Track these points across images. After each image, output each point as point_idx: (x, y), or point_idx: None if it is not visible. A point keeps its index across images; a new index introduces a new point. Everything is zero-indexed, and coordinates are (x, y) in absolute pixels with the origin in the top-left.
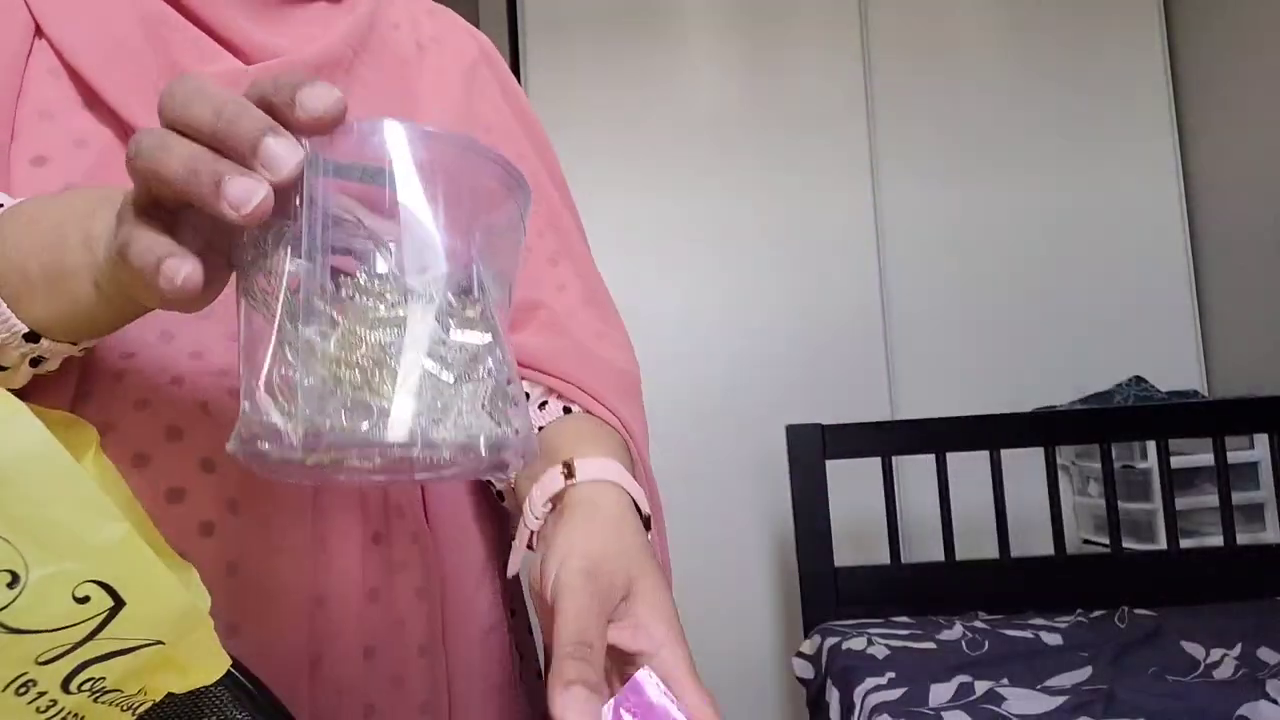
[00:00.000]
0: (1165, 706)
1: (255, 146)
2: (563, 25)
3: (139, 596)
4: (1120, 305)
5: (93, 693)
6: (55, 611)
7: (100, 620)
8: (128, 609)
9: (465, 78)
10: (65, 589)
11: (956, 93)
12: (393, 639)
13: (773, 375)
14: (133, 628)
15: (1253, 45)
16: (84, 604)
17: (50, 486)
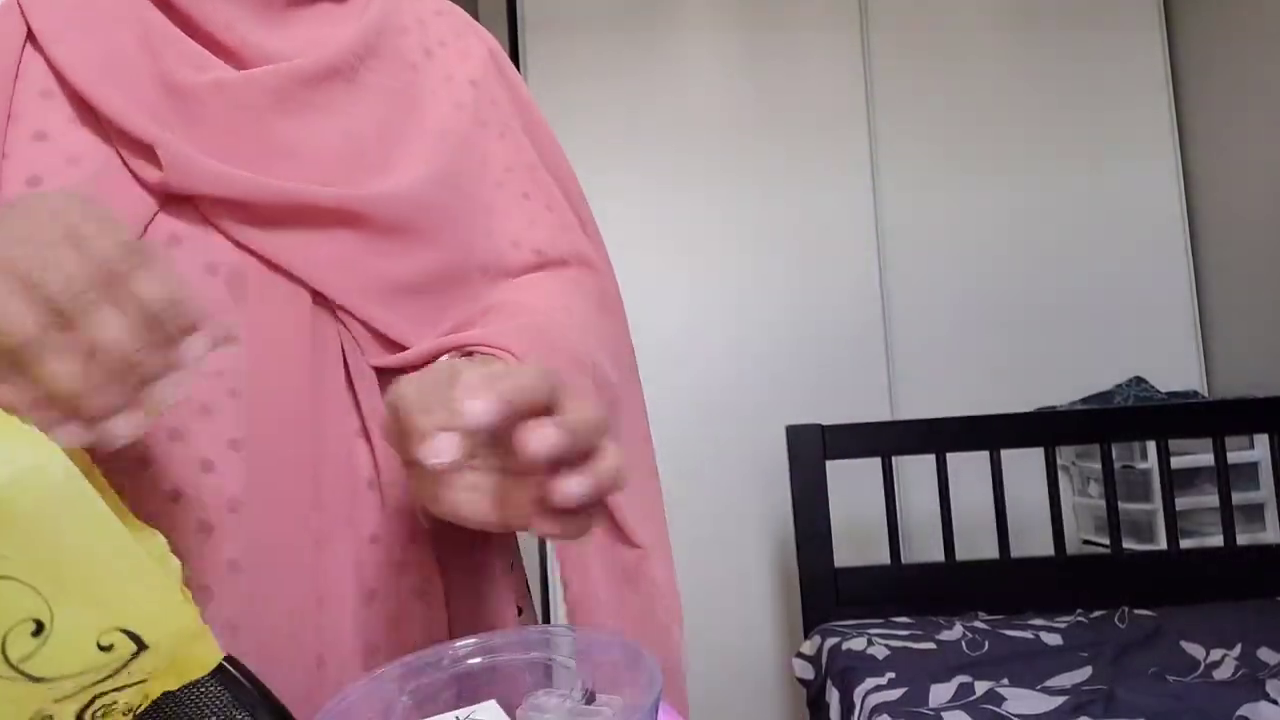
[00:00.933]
0: (1165, 706)
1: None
2: (563, 25)
3: (159, 638)
4: (1120, 305)
5: (102, 710)
6: (79, 660)
7: (123, 664)
8: (149, 651)
9: (474, 86)
10: (90, 638)
11: (956, 93)
12: (392, 639)
13: (773, 375)
14: (151, 664)
15: (1253, 45)
16: (108, 651)
17: (78, 530)
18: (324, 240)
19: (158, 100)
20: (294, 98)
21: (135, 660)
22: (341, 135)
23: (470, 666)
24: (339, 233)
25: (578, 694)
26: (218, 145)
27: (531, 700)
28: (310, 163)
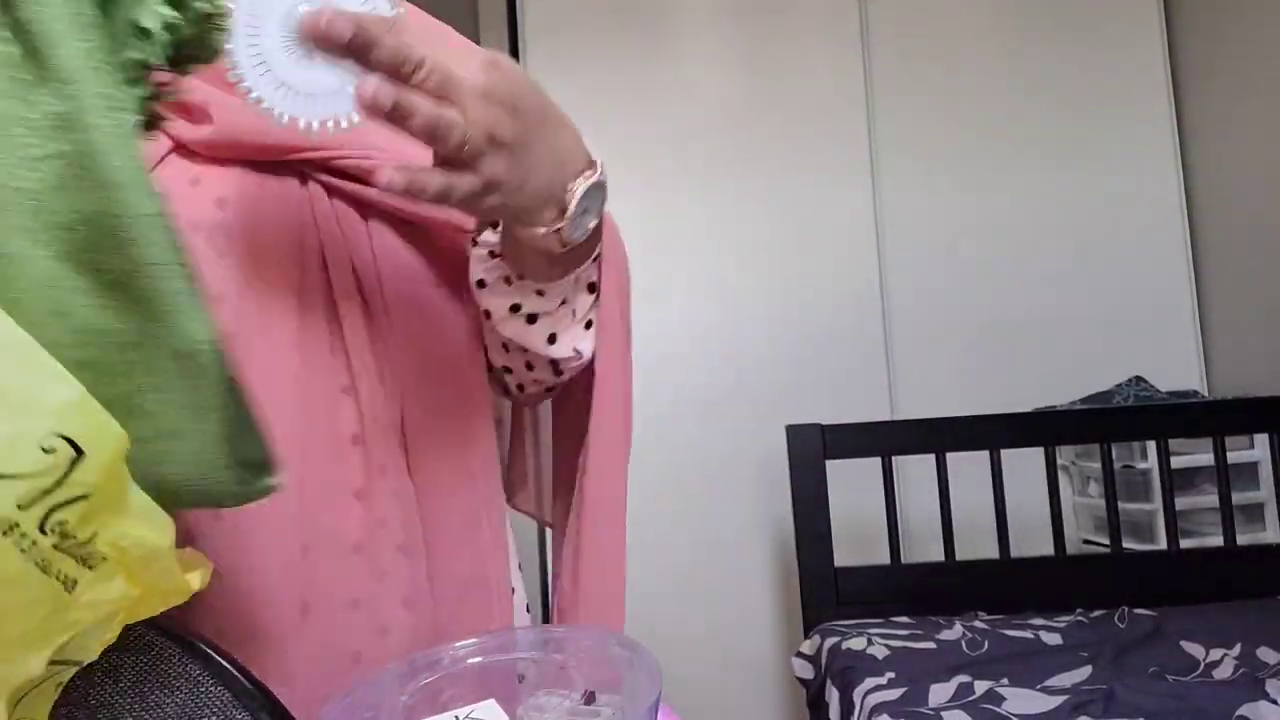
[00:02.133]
0: (1165, 706)
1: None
2: (563, 26)
3: (93, 446)
4: (1120, 305)
5: (59, 535)
6: (27, 460)
7: (65, 468)
8: (86, 459)
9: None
10: (33, 441)
11: (956, 92)
12: (377, 591)
13: (773, 375)
14: (88, 474)
15: (1253, 45)
16: (50, 454)
17: (9, 357)
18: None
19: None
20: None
21: (76, 468)
22: None
23: (470, 666)
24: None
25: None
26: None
27: (531, 700)
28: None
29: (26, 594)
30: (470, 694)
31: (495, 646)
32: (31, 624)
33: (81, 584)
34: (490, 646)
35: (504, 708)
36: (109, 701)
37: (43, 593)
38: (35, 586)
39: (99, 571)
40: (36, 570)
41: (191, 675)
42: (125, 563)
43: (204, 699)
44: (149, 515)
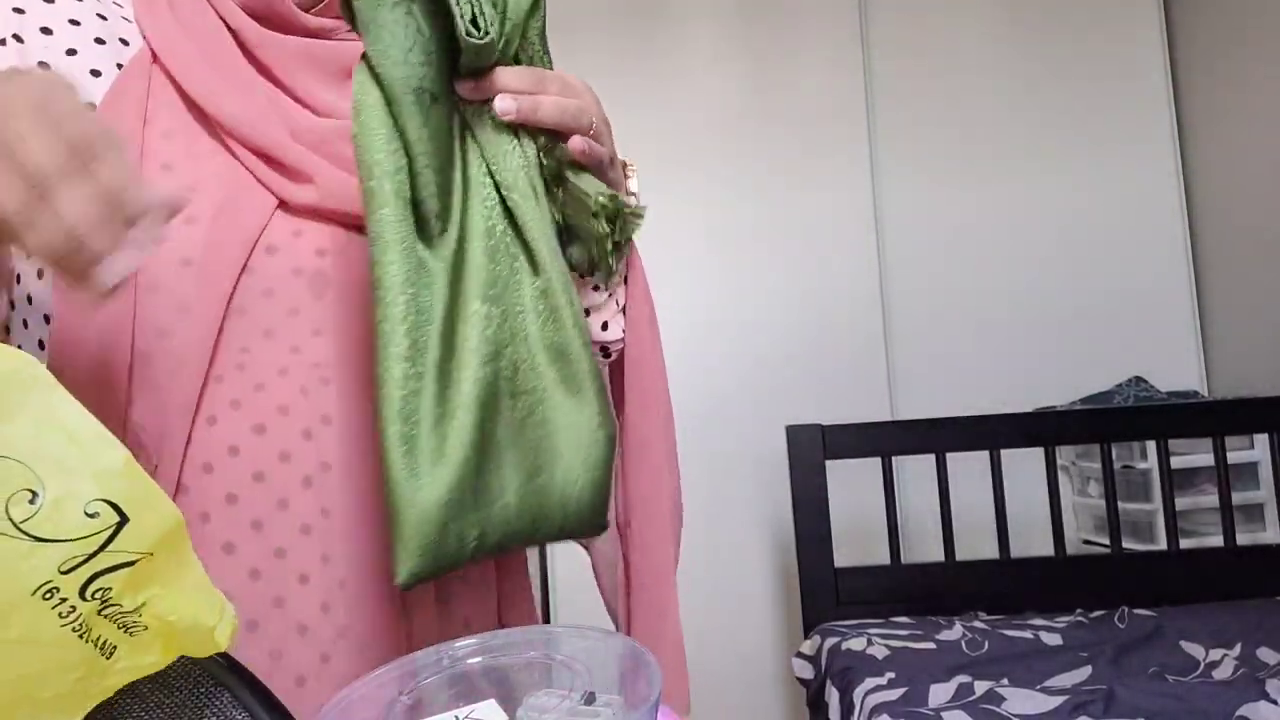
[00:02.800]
0: (1165, 706)
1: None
2: (563, 25)
3: (139, 513)
4: (1120, 305)
5: (101, 602)
6: (71, 524)
7: (109, 534)
8: (131, 525)
9: None
10: (78, 505)
11: (956, 93)
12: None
13: (773, 375)
14: (133, 542)
15: (1253, 45)
16: (94, 519)
17: (57, 418)
18: None
19: (282, 129)
20: None
21: (120, 534)
22: None
23: (470, 666)
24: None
25: (578, 694)
26: (332, 170)
27: (531, 700)
28: None
29: (63, 658)
30: (470, 694)
31: (495, 646)
32: (65, 688)
33: (120, 650)
34: (490, 646)
35: (504, 708)
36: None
37: (79, 657)
38: (72, 651)
39: (138, 639)
40: (74, 635)
41: (191, 675)
42: (167, 635)
43: (204, 699)
44: (204, 593)
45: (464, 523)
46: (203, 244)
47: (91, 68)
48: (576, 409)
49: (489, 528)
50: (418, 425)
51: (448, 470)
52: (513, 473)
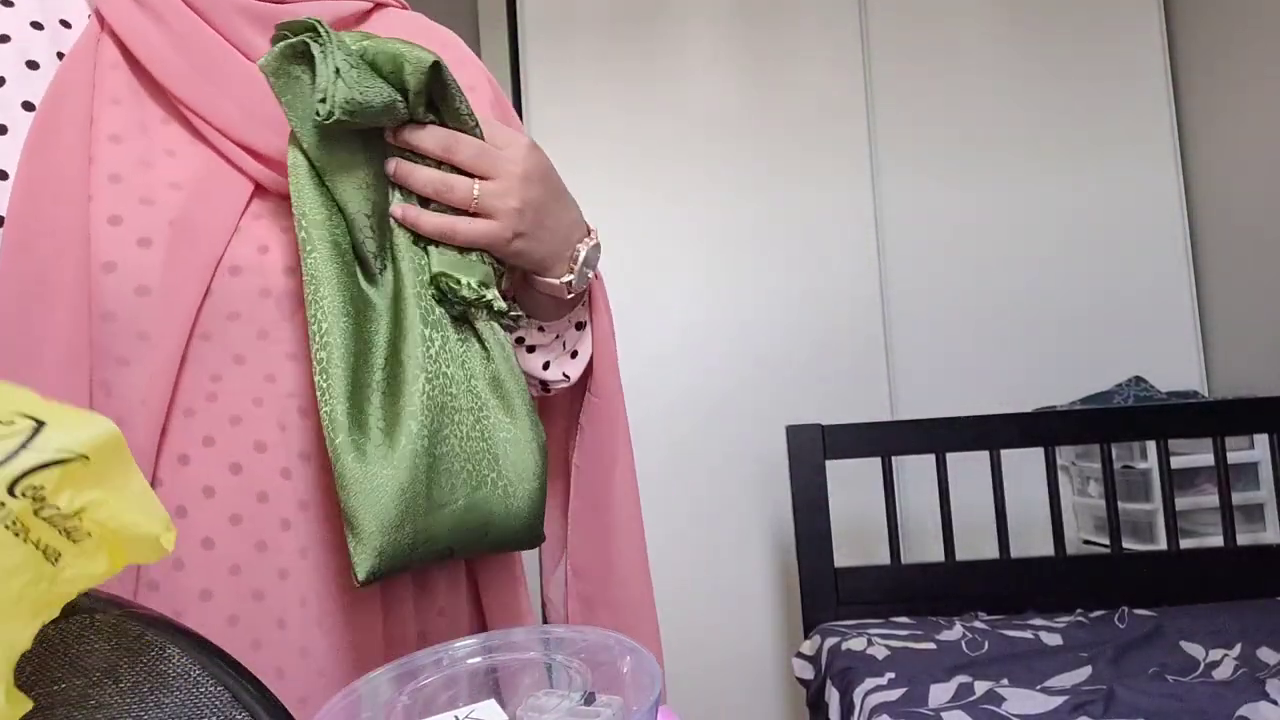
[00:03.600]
0: (1165, 706)
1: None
2: (563, 25)
3: (57, 421)
4: (1120, 305)
5: (34, 500)
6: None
7: (28, 434)
8: (51, 427)
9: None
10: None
11: (956, 92)
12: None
13: (773, 375)
14: (61, 442)
15: (1253, 45)
16: (9, 425)
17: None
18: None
19: (253, 112)
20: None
21: (39, 435)
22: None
23: (470, 666)
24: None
25: (577, 694)
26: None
27: (531, 700)
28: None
29: (4, 560)
30: (470, 694)
31: (495, 646)
32: (15, 591)
33: (65, 557)
34: (490, 646)
35: (504, 708)
36: (107, 702)
37: (21, 559)
38: (12, 553)
39: (82, 546)
40: (10, 535)
41: (191, 675)
42: (112, 542)
43: (203, 699)
44: (145, 504)
45: (416, 524)
46: (160, 269)
47: (28, 59)
48: (512, 424)
49: (438, 531)
50: (368, 433)
51: (401, 473)
52: (460, 480)
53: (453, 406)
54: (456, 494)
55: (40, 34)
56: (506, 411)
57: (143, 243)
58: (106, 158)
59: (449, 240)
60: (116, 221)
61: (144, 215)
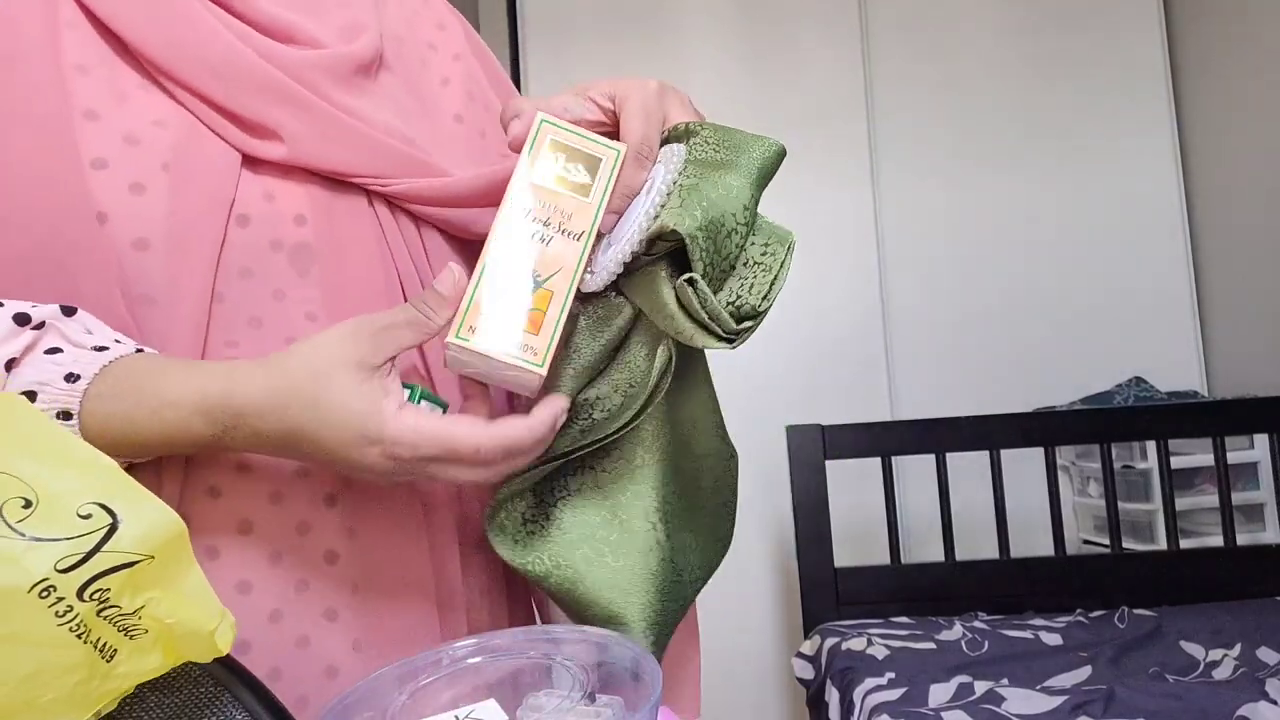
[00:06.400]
0: (1165, 706)
1: None
2: (563, 25)
3: (132, 514)
4: (1120, 305)
5: (100, 603)
6: (64, 524)
7: (104, 534)
8: (125, 526)
9: (464, 84)
10: (70, 507)
11: (956, 92)
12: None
13: (773, 375)
14: (132, 544)
15: (1253, 45)
16: (87, 520)
17: (44, 437)
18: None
19: (233, 73)
20: (349, 80)
21: (115, 535)
22: (391, 115)
23: (470, 666)
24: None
25: (578, 694)
26: (300, 119)
27: (531, 700)
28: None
29: (61, 659)
30: (470, 694)
31: (495, 646)
32: (66, 690)
33: (121, 654)
34: (490, 646)
35: (504, 708)
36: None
37: (79, 659)
38: (72, 652)
39: (138, 642)
40: (72, 636)
41: (191, 675)
42: (168, 638)
43: (203, 699)
44: (203, 599)
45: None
46: (163, 218)
47: None
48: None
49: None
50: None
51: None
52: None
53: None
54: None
55: None
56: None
57: (135, 189)
58: (79, 90)
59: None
60: (101, 165)
61: (132, 157)
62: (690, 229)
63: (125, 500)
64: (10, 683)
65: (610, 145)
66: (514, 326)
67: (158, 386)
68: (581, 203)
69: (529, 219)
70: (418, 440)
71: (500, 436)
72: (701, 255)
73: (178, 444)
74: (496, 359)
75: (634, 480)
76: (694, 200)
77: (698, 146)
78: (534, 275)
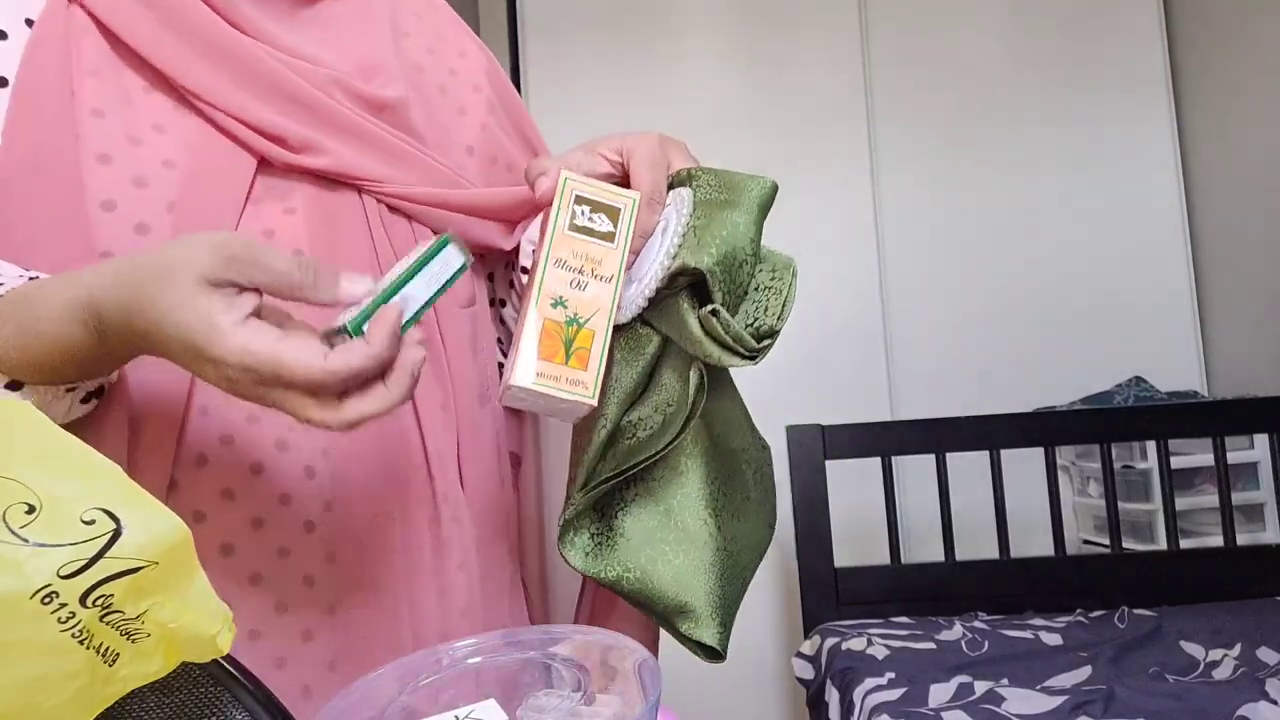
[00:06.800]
0: (1165, 706)
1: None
2: (562, 25)
3: (136, 520)
4: (1120, 305)
5: (103, 609)
6: (68, 530)
7: (107, 539)
8: (129, 532)
9: (479, 115)
10: (74, 513)
11: (956, 93)
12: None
13: (773, 376)
14: (135, 550)
15: (1253, 45)
16: (91, 525)
17: (49, 443)
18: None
19: (238, 82)
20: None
21: (119, 541)
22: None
23: (470, 666)
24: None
25: (578, 694)
26: (312, 127)
27: (531, 700)
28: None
29: (63, 665)
30: (470, 694)
31: (495, 646)
32: (67, 696)
33: (123, 658)
34: (490, 646)
35: (504, 708)
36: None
37: (81, 665)
38: (74, 658)
39: (140, 647)
40: (74, 642)
41: (190, 675)
42: (170, 641)
43: (203, 699)
44: (206, 603)
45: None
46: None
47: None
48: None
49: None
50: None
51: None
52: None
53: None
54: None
55: (5, 3)
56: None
57: (140, 229)
58: (93, 135)
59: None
60: (110, 206)
61: (139, 199)
62: (709, 265)
63: (129, 506)
64: (12, 689)
65: (626, 194)
66: (569, 367)
67: (37, 303)
68: (608, 249)
69: (564, 269)
70: (246, 360)
71: (337, 362)
72: (719, 286)
73: (71, 356)
74: (555, 396)
75: (682, 484)
76: (708, 239)
77: (701, 189)
78: (576, 318)
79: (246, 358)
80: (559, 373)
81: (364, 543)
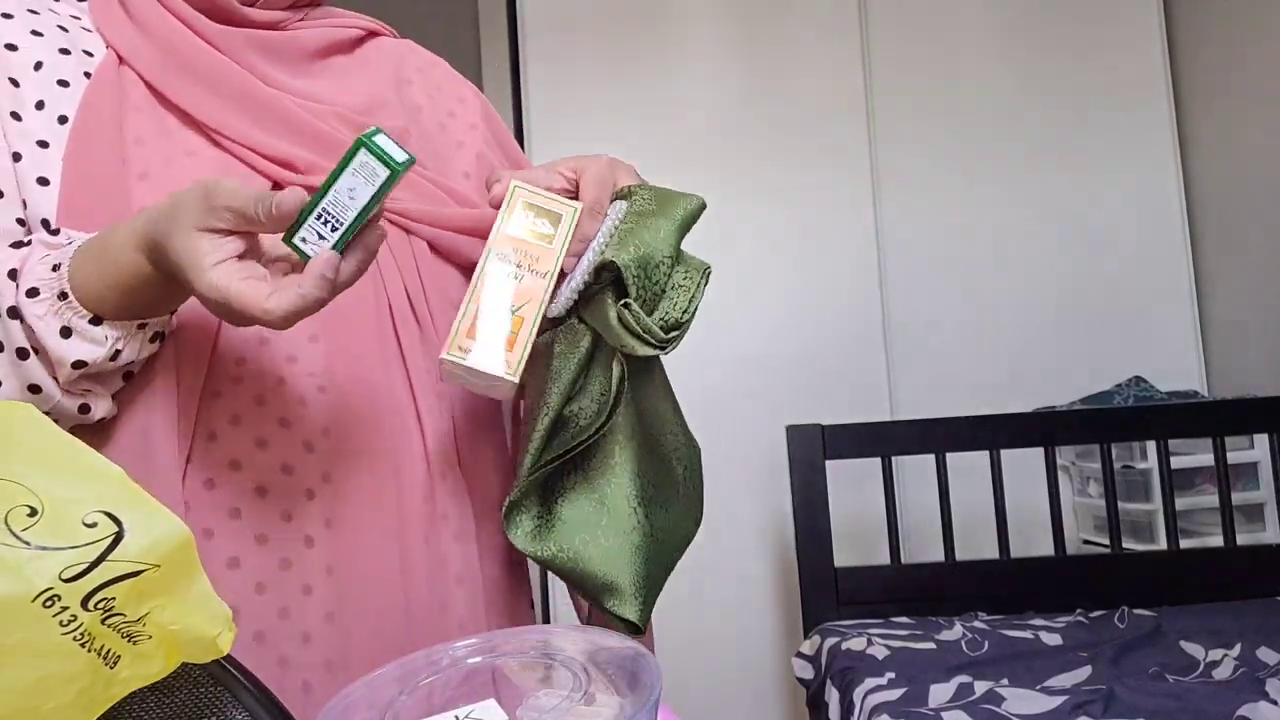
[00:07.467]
0: (1165, 706)
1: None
2: (562, 25)
3: (138, 523)
4: (1120, 305)
5: (104, 613)
6: (69, 533)
7: (109, 543)
8: (130, 535)
9: (476, 146)
10: (76, 516)
11: (956, 94)
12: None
13: (773, 375)
14: (137, 553)
15: (1253, 46)
16: (92, 529)
17: (51, 445)
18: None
19: (256, 122)
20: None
21: (120, 545)
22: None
23: (470, 666)
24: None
25: (578, 694)
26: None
27: (531, 700)
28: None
29: (65, 668)
30: (470, 694)
31: (495, 646)
32: (69, 698)
33: (124, 660)
34: (490, 646)
35: (504, 708)
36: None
37: (82, 668)
38: (75, 661)
39: (141, 649)
40: (76, 645)
41: (190, 676)
42: (170, 643)
43: (203, 699)
44: (207, 604)
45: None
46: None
47: (59, 78)
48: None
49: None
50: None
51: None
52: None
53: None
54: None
55: (68, 58)
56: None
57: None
58: (135, 158)
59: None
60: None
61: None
62: (625, 260)
63: (131, 509)
64: (13, 692)
65: (568, 204)
66: (496, 346)
67: (109, 237)
68: (546, 249)
69: (505, 261)
70: (214, 295)
71: (273, 301)
72: (634, 281)
73: (143, 281)
74: (482, 371)
75: (615, 474)
76: (630, 240)
77: (638, 201)
78: (510, 306)
79: (214, 293)
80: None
81: (360, 557)
